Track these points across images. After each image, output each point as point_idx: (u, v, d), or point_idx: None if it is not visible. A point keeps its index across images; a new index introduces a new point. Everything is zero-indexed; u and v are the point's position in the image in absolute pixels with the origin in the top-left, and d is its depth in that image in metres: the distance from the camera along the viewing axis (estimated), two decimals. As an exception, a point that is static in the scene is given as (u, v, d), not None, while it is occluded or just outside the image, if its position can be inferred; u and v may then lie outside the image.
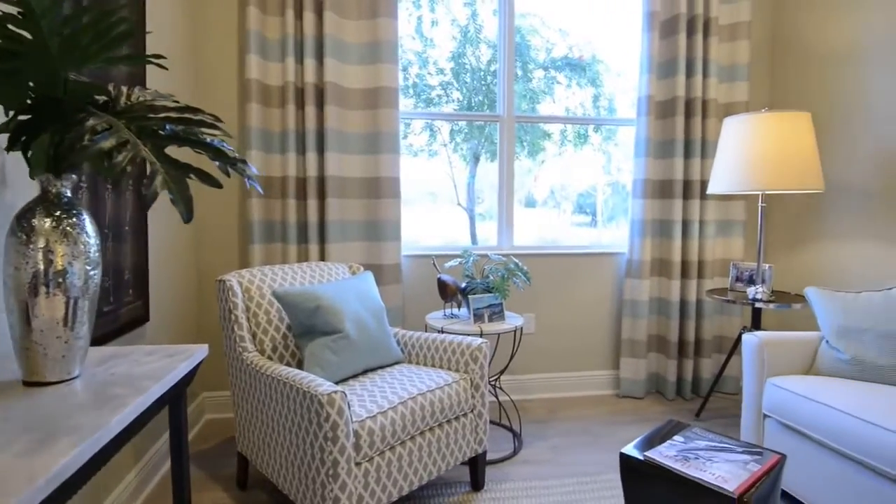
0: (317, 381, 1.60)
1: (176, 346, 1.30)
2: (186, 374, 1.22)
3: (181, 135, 1.10)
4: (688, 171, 2.98)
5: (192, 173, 1.06)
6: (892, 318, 1.89)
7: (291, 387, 1.64)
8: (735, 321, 3.13)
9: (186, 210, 0.97)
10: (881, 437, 1.56)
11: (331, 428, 1.52)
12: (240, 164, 1.16)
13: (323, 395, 1.52)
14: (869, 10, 2.59)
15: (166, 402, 1.15)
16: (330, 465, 1.53)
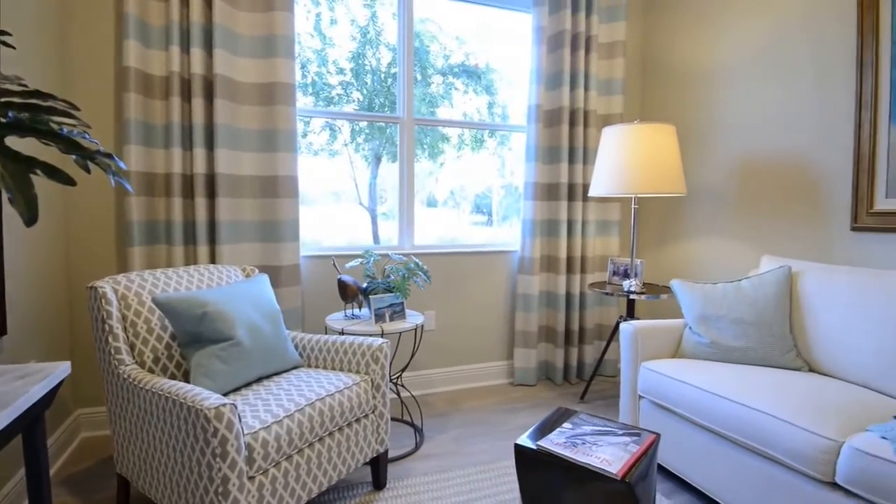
0: (202, 394, 1.52)
1: (31, 365, 1.15)
2: (42, 397, 1.09)
3: (26, 123, 0.97)
4: (572, 175, 3.22)
5: (38, 168, 0.94)
6: (742, 306, 2.19)
7: (174, 401, 1.53)
8: (613, 311, 3.44)
9: (28, 210, 0.86)
10: (731, 410, 1.81)
11: (219, 443, 1.44)
12: (101, 157, 1.04)
13: (209, 408, 1.44)
14: (722, 37, 2.96)
15: (17, 432, 1.02)
16: (220, 483, 1.45)
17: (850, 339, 1.94)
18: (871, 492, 1.42)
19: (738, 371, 2.01)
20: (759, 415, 1.72)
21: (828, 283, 2.08)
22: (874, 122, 2.24)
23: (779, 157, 2.64)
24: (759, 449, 1.72)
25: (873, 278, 1.96)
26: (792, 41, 2.58)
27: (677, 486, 2.14)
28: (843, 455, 1.49)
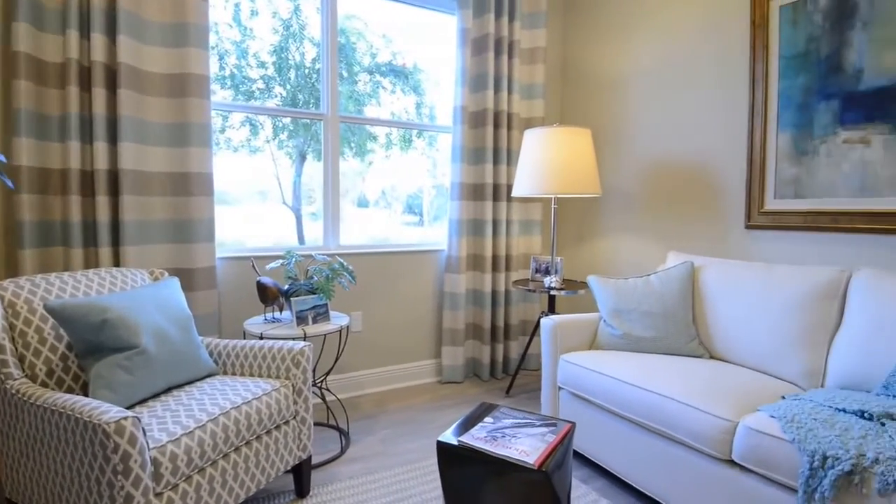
0: (101, 407, 1.40)
1: None
2: None
3: None
4: (496, 176, 3.29)
5: None
6: (651, 299, 2.32)
7: (69, 417, 1.40)
8: (536, 307, 3.55)
9: None
10: (641, 396, 1.92)
11: (121, 460, 1.34)
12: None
13: (109, 423, 1.33)
14: (634, 47, 3.13)
15: None
16: (123, 502, 1.35)
17: (745, 327, 2.12)
18: (762, 466, 1.55)
19: (647, 360, 2.13)
20: (665, 400, 1.83)
21: (725, 276, 2.26)
22: (764, 129, 2.45)
23: (684, 161, 2.83)
24: (665, 432, 1.83)
25: (764, 271, 2.15)
26: (696, 53, 2.77)
27: (594, 472, 2.24)
28: (738, 434, 1.62)
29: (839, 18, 2.17)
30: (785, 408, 1.60)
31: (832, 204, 2.21)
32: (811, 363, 1.92)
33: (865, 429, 1.45)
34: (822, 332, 1.93)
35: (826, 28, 2.22)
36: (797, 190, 2.34)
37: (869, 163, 2.10)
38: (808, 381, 1.92)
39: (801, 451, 1.45)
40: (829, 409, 1.57)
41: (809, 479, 1.41)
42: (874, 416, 1.48)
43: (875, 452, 1.35)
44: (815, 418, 1.52)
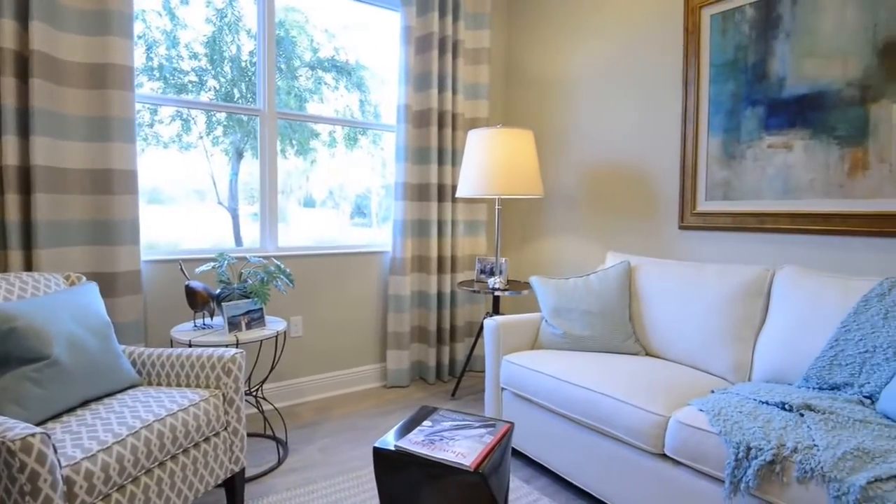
0: (6, 424, 1.28)
1: None
2: None
3: None
4: (441, 176, 3.27)
5: None
6: (590, 298, 2.36)
7: (-32, 435, 1.28)
8: (482, 308, 3.56)
9: None
10: (579, 394, 1.94)
11: (28, 480, 1.23)
12: None
13: (14, 440, 1.21)
14: (576, 50, 3.19)
15: None
16: (30, 524, 1.24)
17: (678, 324, 2.18)
18: (692, 459, 1.59)
19: (586, 358, 2.16)
20: (602, 397, 1.86)
21: (659, 275, 2.32)
22: (696, 134, 2.54)
23: (623, 163, 2.90)
24: (602, 429, 1.86)
25: (694, 270, 2.23)
26: (634, 58, 2.85)
27: (537, 472, 2.25)
28: (670, 428, 1.66)
29: (764, 29, 2.28)
30: (713, 402, 1.65)
31: (758, 205, 2.32)
32: (738, 358, 2.00)
33: (786, 420, 1.51)
34: (749, 328, 2.01)
35: (753, 37, 2.32)
36: (726, 192, 2.43)
37: (791, 166, 2.21)
38: (736, 376, 1.99)
39: (727, 443, 1.49)
40: (754, 402, 1.63)
41: (735, 469, 1.46)
42: (794, 407, 1.55)
43: (794, 442, 1.40)
44: (741, 411, 1.57)
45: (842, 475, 1.28)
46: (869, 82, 1.98)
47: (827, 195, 2.10)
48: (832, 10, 2.07)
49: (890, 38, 1.92)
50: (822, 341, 1.78)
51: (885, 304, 1.70)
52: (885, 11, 1.93)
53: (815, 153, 2.13)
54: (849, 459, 1.31)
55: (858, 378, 1.66)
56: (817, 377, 1.73)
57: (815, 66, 2.12)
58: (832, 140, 2.08)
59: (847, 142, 2.04)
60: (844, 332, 1.73)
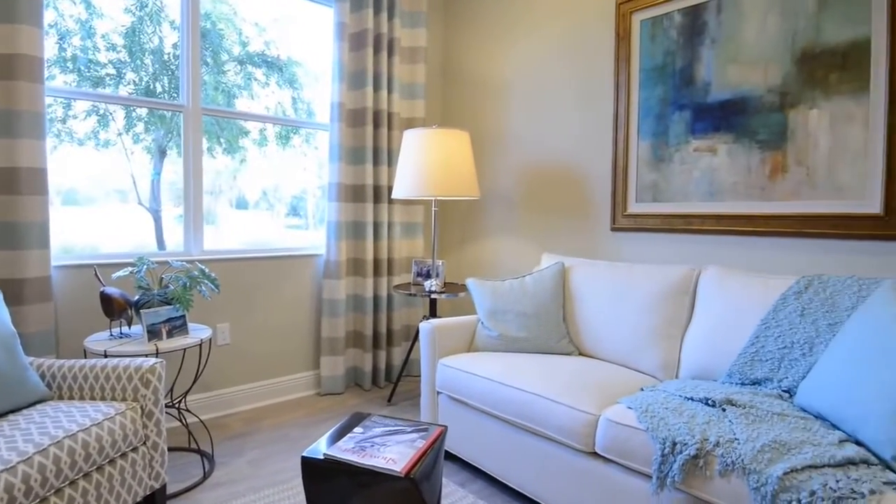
0: None
1: None
2: None
3: None
4: (377, 177, 3.20)
5: None
6: (525, 299, 2.36)
7: None
8: (420, 311, 3.51)
9: None
10: (513, 395, 1.92)
11: None
12: None
13: None
14: (511, 52, 3.20)
15: None
16: None
17: (609, 324, 2.21)
18: (622, 456, 1.60)
19: (520, 359, 2.15)
20: (535, 398, 1.85)
21: (592, 276, 2.35)
22: (627, 137, 2.60)
23: (558, 165, 2.94)
24: (536, 429, 1.85)
25: (625, 271, 2.27)
26: (568, 61, 2.89)
27: (473, 475, 2.22)
28: (600, 426, 1.67)
29: (691, 35, 2.36)
30: (641, 399, 1.67)
31: (685, 207, 2.39)
32: (666, 356, 2.04)
33: (709, 415, 1.54)
34: (676, 327, 2.06)
35: (680, 43, 2.40)
36: (655, 194, 2.50)
37: (716, 169, 2.29)
38: (664, 373, 2.04)
39: (653, 439, 1.51)
40: (679, 398, 1.66)
41: (661, 465, 1.48)
42: (717, 402, 1.59)
43: (716, 436, 1.43)
44: (667, 407, 1.59)
45: (760, 467, 1.32)
46: (788, 89, 2.08)
47: (749, 197, 2.19)
48: (754, 19, 2.16)
49: (807, 47, 2.03)
50: (744, 338, 1.84)
51: (802, 302, 1.78)
52: (803, 21, 2.03)
53: (737, 157, 2.22)
54: (767, 452, 1.35)
55: (778, 373, 1.73)
56: (740, 373, 1.79)
57: (739, 72, 2.21)
58: (754, 144, 2.18)
59: (767, 146, 2.14)
60: (764, 329, 1.79)
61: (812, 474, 1.27)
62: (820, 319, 1.70)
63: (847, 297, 1.69)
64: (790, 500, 1.25)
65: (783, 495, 1.26)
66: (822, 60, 1.99)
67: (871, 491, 1.20)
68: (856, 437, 1.39)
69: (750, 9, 2.17)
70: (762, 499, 1.29)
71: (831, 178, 1.98)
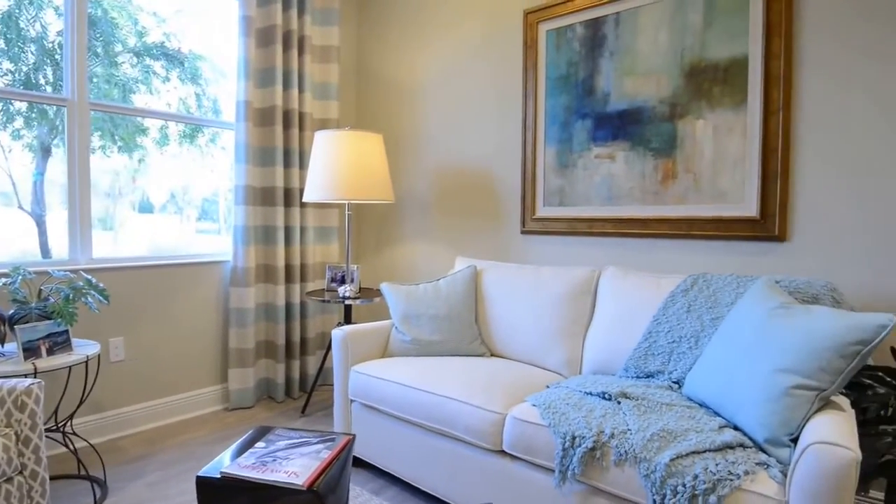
0: None
1: None
2: None
3: None
4: (288, 179, 3.10)
5: None
6: (438, 303, 2.36)
7: None
8: (335, 318, 3.43)
9: None
10: (424, 399, 1.92)
11: None
12: None
13: None
14: (424, 54, 3.22)
15: None
16: None
17: (518, 324, 2.27)
18: (527, 452, 1.64)
19: (433, 363, 2.16)
20: (445, 400, 1.86)
21: (502, 278, 2.41)
22: (535, 143, 2.69)
23: (472, 169, 2.98)
24: (447, 431, 1.86)
25: (533, 272, 2.34)
26: (481, 67, 2.94)
27: (387, 482, 2.19)
28: (507, 425, 1.70)
29: (592, 47, 2.47)
30: (545, 396, 1.72)
31: (588, 211, 2.51)
32: (570, 353, 2.13)
33: (605, 408, 1.61)
34: (579, 325, 2.15)
35: (583, 54, 2.51)
36: (561, 199, 2.60)
37: (614, 175, 2.42)
38: (569, 370, 2.12)
39: (555, 434, 1.56)
40: (580, 394, 1.73)
41: (563, 458, 1.53)
42: (612, 396, 1.67)
43: (611, 428, 1.50)
44: (568, 403, 1.65)
45: (650, 455, 1.40)
46: (677, 100, 2.23)
47: (644, 202, 2.33)
48: (648, 34, 2.30)
49: (694, 62, 2.19)
50: (639, 334, 1.95)
51: (689, 299, 1.91)
52: (691, 37, 2.19)
53: (633, 163, 2.36)
54: (656, 440, 1.43)
55: (668, 366, 1.84)
56: (635, 367, 1.90)
57: (634, 84, 2.35)
58: (648, 152, 2.32)
59: (660, 153, 2.28)
60: (656, 325, 1.91)
61: (695, 459, 1.36)
62: (704, 315, 1.83)
63: (727, 293, 1.84)
64: (676, 484, 1.34)
65: (670, 480, 1.34)
66: (707, 74, 2.16)
67: (745, 472, 1.31)
68: (734, 422, 1.51)
69: (644, 24, 2.31)
70: (652, 485, 1.37)
71: (715, 184, 2.15)
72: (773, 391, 1.40)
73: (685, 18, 2.20)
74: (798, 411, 1.36)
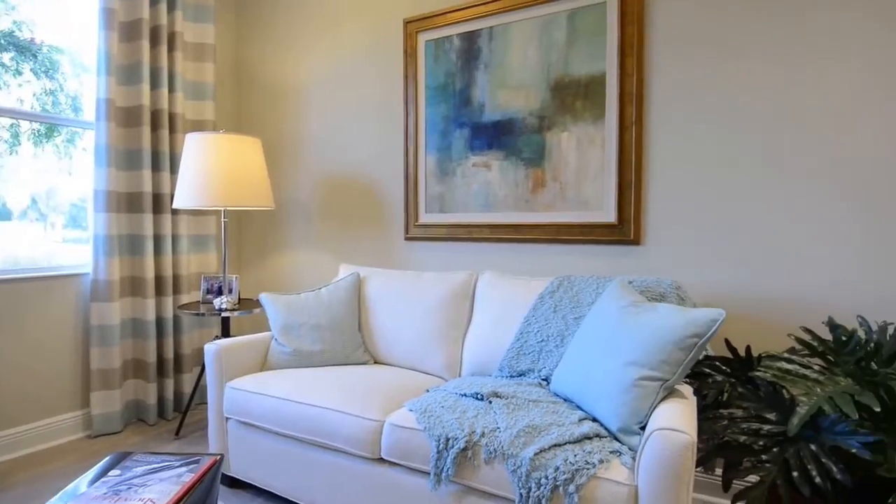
0: None
1: None
2: None
3: None
4: (158, 184, 2.88)
5: None
6: (320, 312, 2.32)
7: None
8: (214, 332, 3.23)
9: None
10: (304, 412, 1.87)
11: None
12: None
13: None
14: (311, 61, 3.14)
15: None
16: None
17: (401, 330, 2.29)
18: (404, 458, 1.66)
19: (314, 374, 2.11)
20: (324, 411, 1.83)
21: (385, 285, 2.42)
22: (416, 150, 2.73)
23: (356, 176, 2.96)
24: (326, 443, 1.83)
25: (414, 278, 2.37)
26: (365, 73, 2.93)
27: (266, 500, 2.11)
28: (385, 432, 1.71)
29: (468, 59, 2.56)
30: (423, 400, 1.75)
31: (467, 218, 2.59)
32: (450, 357, 2.18)
33: (478, 408, 1.68)
34: (458, 329, 2.22)
35: (459, 66, 2.59)
36: (442, 206, 2.66)
37: (490, 183, 2.52)
38: (449, 373, 2.17)
39: (430, 437, 1.59)
40: (455, 396, 1.78)
41: (437, 461, 1.57)
42: (484, 396, 1.74)
43: (482, 427, 1.57)
44: (443, 405, 1.70)
45: (516, 451, 1.47)
46: (545, 113, 2.37)
47: (518, 208, 2.46)
48: (518, 49, 2.43)
49: (559, 77, 2.34)
50: (512, 335, 2.05)
51: (555, 300, 2.04)
52: (556, 54, 2.34)
53: (507, 172, 2.48)
54: (522, 436, 1.51)
55: (538, 364, 1.95)
56: (508, 367, 1.99)
57: (507, 96, 2.46)
58: (520, 161, 2.44)
59: (531, 163, 2.42)
60: (526, 325, 2.02)
61: (557, 452, 1.45)
62: (568, 314, 1.97)
63: (588, 293, 1.99)
64: (539, 477, 1.42)
65: (534, 474, 1.42)
66: (570, 90, 2.32)
67: (600, 460, 1.42)
68: (593, 414, 1.64)
69: (515, 40, 2.44)
70: (518, 480, 1.44)
71: (579, 192, 2.32)
72: (623, 383, 1.54)
73: (551, 36, 2.35)
74: (645, 401, 1.50)
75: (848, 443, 1.38)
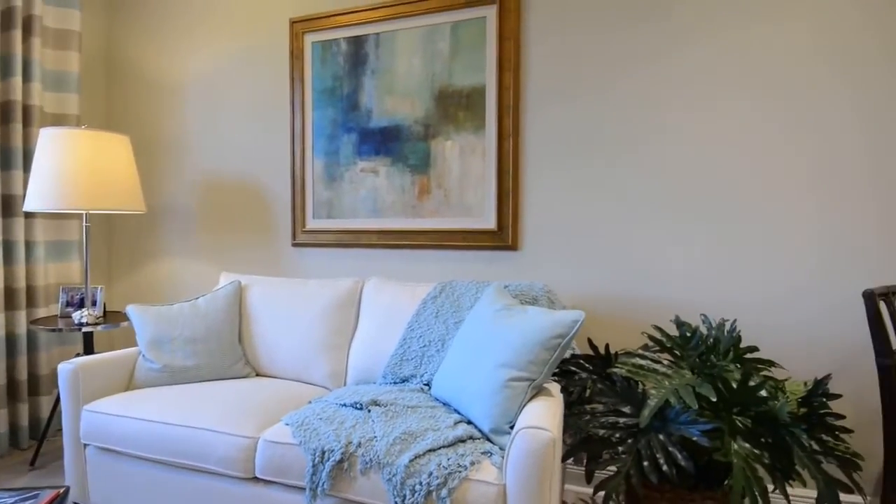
0: None
1: None
2: None
3: None
4: (7, 184, 2.57)
5: None
6: (195, 323, 2.19)
7: None
8: (76, 349, 2.94)
9: None
10: (173, 434, 1.76)
11: None
12: None
13: None
14: (192, 58, 2.95)
15: None
16: None
17: (284, 340, 2.22)
18: (279, 475, 1.61)
19: (187, 391, 1.99)
20: (196, 431, 1.73)
21: (268, 293, 2.34)
22: (303, 155, 2.67)
23: (241, 180, 2.83)
24: (196, 465, 1.73)
25: (299, 286, 2.32)
26: (249, 74, 2.80)
27: (134, 532, 1.95)
28: (259, 449, 1.65)
29: (356, 64, 2.54)
30: (301, 413, 1.71)
31: (355, 223, 2.57)
32: (335, 366, 2.15)
33: (356, 418, 1.67)
34: (343, 336, 2.19)
35: (347, 70, 2.56)
36: (330, 211, 2.62)
37: (378, 189, 2.52)
38: (334, 382, 2.14)
39: (305, 451, 1.56)
40: (335, 406, 1.76)
41: (313, 475, 1.54)
42: (363, 405, 1.73)
43: (359, 437, 1.56)
44: (321, 417, 1.67)
45: (391, 459, 1.48)
46: (430, 121, 2.41)
47: (405, 215, 2.48)
48: (404, 58, 2.45)
49: (443, 87, 2.39)
50: (397, 341, 2.06)
51: (437, 305, 2.08)
52: (440, 64, 2.38)
53: (394, 178, 2.49)
54: (397, 444, 1.52)
55: (420, 369, 1.98)
56: (392, 373, 2.00)
57: (394, 103, 2.48)
58: (406, 168, 2.46)
59: (417, 170, 2.45)
60: (409, 331, 2.04)
61: (431, 457, 1.48)
62: (449, 319, 2.02)
63: (468, 298, 2.05)
64: (414, 484, 1.44)
65: (409, 481, 1.44)
66: (453, 100, 2.38)
67: (471, 462, 1.46)
68: (468, 417, 1.69)
69: (401, 48, 2.46)
70: (393, 488, 1.45)
71: (462, 200, 2.38)
72: (495, 384, 1.60)
73: (435, 46, 2.39)
74: (515, 401, 1.57)
75: (690, 431, 1.54)
